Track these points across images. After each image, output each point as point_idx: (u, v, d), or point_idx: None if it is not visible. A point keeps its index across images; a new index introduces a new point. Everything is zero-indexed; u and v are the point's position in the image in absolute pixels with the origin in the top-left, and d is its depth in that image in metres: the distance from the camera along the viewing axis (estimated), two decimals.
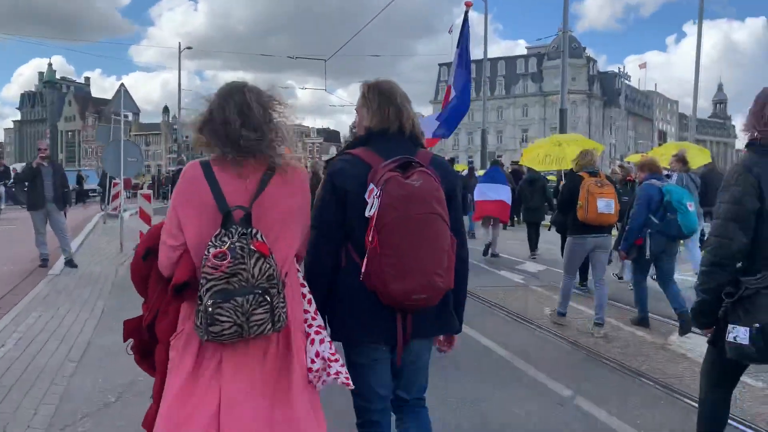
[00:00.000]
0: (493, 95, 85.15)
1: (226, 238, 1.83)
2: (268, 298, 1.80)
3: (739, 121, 3.29)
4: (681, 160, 8.27)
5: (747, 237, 2.53)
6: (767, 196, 2.51)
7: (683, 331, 5.71)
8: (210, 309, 1.76)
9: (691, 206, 5.92)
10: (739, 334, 2.51)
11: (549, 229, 10.24)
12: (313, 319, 2.10)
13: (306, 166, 8.17)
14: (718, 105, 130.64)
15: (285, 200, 2.01)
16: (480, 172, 15.97)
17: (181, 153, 42.86)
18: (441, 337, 2.43)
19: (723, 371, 2.80)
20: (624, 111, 78.62)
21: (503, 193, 10.88)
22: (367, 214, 2.07)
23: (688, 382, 4.42)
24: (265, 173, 1.98)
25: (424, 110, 60.71)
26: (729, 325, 2.57)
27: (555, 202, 8.74)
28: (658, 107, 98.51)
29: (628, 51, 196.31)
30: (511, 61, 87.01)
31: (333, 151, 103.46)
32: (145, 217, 10.34)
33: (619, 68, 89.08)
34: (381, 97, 2.32)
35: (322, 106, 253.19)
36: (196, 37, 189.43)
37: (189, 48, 42.21)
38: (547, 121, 77.08)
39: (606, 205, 5.82)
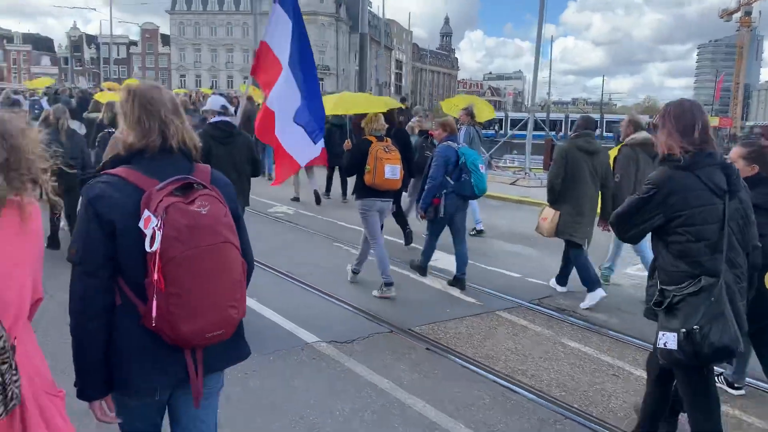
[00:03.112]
0: (238, 10, 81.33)
1: None
2: None
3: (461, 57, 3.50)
4: (469, 114, 9.03)
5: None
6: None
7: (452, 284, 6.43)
8: None
9: (483, 168, 6.32)
10: (668, 340, 2.68)
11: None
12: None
13: None
14: (444, 37, 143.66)
15: (12, 247, 1.60)
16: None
17: None
18: None
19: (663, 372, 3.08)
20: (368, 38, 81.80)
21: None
22: (149, 249, 1.79)
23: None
24: None
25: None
26: (659, 332, 2.73)
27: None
28: (395, 36, 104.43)
29: None
30: None
31: (47, 61, 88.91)
32: None
33: None
34: (142, 109, 2.01)
35: (13, 6, 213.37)
36: None
37: None
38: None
39: (392, 170, 5.92)
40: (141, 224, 1.83)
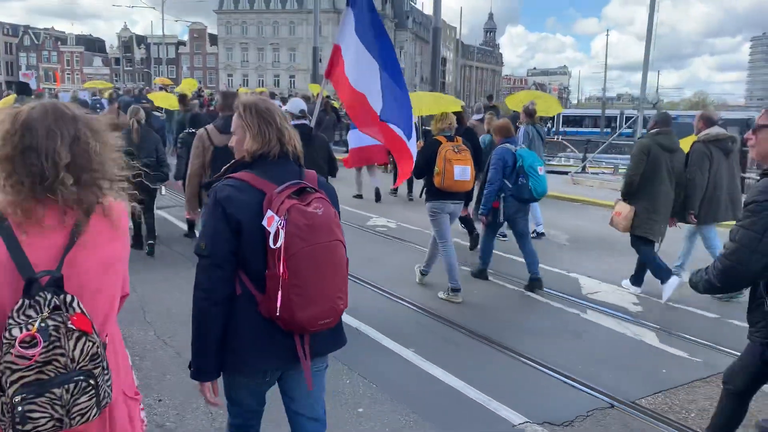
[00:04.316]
0: (284, 8, 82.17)
1: (32, 312, 1.48)
2: (93, 382, 1.56)
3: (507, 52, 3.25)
4: (529, 113, 8.65)
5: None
6: None
7: (529, 288, 6.29)
8: (19, 407, 1.45)
9: (542, 170, 6.21)
10: None
11: None
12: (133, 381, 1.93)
13: None
14: (488, 33, 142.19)
15: (104, 249, 1.69)
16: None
17: None
18: None
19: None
20: (411, 35, 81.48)
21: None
22: (273, 245, 2.02)
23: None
24: (78, 220, 1.62)
25: None
26: None
27: None
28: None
29: None
30: None
31: (99, 62, 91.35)
32: None
33: None
34: (260, 119, 2.24)
35: (66, 9, 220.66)
36: None
37: None
38: (335, 37, 76.51)
39: (462, 172, 5.83)
40: (264, 222, 2.06)
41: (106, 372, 1.61)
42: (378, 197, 11.32)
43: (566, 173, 16.35)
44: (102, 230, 1.68)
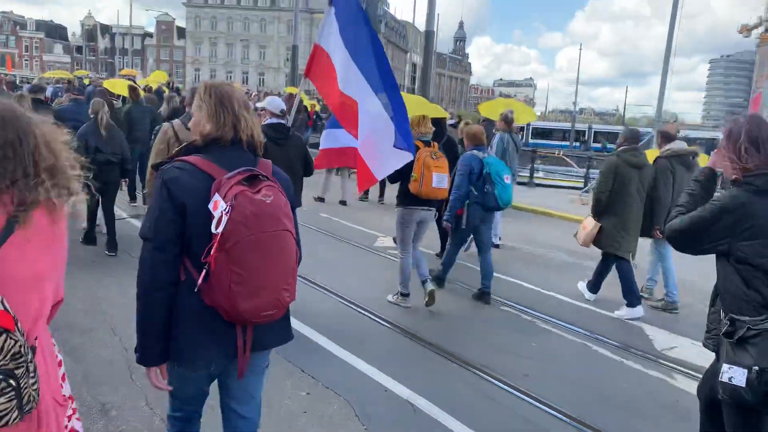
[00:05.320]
0: (257, 5, 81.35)
1: None
2: (13, 383, 1.45)
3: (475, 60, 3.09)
4: (506, 120, 8.59)
5: None
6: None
7: (476, 297, 6.27)
8: None
9: (508, 179, 6.17)
10: (735, 375, 2.38)
11: None
12: (62, 387, 1.82)
13: None
14: (458, 42, 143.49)
15: (40, 249, 1.60)
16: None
17: None
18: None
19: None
20: (384, 39, 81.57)
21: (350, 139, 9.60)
22: (214, 230, 1.96)
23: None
24: (13, 215, 1.53)
25: None
26: (723, 364, 2.45)
27: None
28: (410, 38, 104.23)
29: None
30: None
31: (59, 50, 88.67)
32: None
33: None
34: (218, 102, 2.19)
35: None
36: None
37: None
38: (314, 41, 76.12)
39: (439, 179, 5.74)
40: (210, 206, 2.00)
41: (31, 375, 1.51)
42: (344, 202, 11.20)
43: (569, 188, 16.32)
44: (41, 230, 1.60)
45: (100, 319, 4.94)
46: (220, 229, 1.94)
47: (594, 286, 6.54)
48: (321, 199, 11.21)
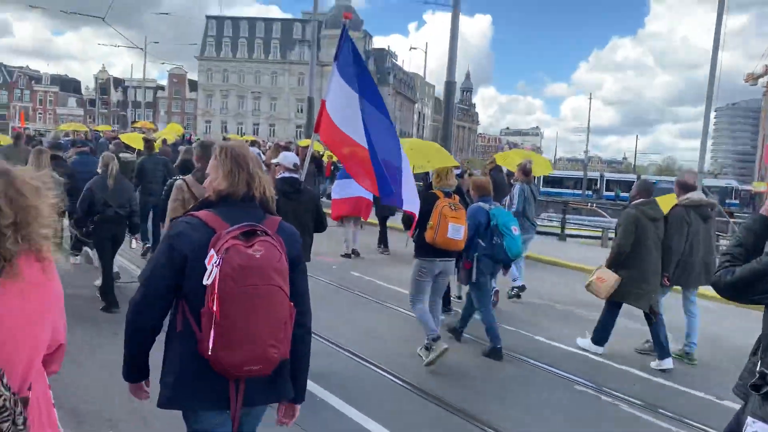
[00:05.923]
0: (267, 59, 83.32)
1: None
2: None
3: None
4: (525, 171, 8.53)
5: None
6: None
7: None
8: None
9: (516, 230, 6.07)
10: (759, 429, 2.34)
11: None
12: None
13: None
14: (465, 92, 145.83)
15: (32, 301, 1.60)
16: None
17: None
18: (282, 411, 2.43)
19: None
20: (393, 90, 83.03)
21: (360, 189, 9.30)
22: (204, 282, 2.02)
23: None
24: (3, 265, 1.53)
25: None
26: (747, 416, 2.39)
27: None
28: (418, 90, 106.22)
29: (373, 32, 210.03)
30: (287, 24, 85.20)
31: (73, 103, 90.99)
32: None
33: (387, 46, 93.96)
34: (233, 162, 2.29)
35: (42, 48, 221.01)
36: None
37: None
38: (324, 92, 77.45)
39: (456, 230, 5.62)
40: (206, 260, 2.05)
41: (20, 428, 1.49)
42: (357, 253, 11.02)
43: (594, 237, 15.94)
44: (29, 277, 1.59)
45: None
46: (209, 281, 2.00)
47: (602, 338, 6.34)
48: (348, 255, 10.85)
